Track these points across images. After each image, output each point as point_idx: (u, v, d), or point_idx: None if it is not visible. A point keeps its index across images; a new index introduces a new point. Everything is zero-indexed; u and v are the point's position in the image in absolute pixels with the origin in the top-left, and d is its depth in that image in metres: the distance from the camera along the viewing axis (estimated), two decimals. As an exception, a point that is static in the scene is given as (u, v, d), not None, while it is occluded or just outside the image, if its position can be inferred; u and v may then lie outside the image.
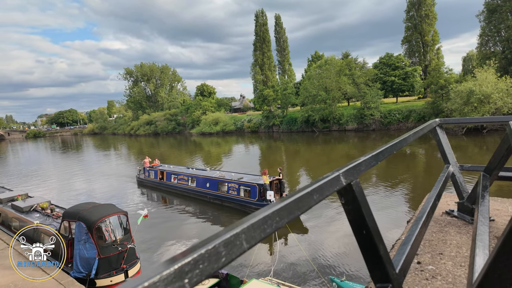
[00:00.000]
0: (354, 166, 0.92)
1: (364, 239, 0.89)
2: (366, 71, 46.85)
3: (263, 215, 0.57)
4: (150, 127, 79.72)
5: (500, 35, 40.86)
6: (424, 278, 1.45)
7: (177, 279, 0.38)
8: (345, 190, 0.89)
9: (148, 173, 21.00)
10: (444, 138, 2.14)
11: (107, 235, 9.33)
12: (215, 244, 0.45)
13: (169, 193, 18.86)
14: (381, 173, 20.88)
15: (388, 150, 1.20)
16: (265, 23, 63.89)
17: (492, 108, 31.22)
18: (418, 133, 1.67)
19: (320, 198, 0.73)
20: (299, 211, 0.65)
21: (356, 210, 0.90)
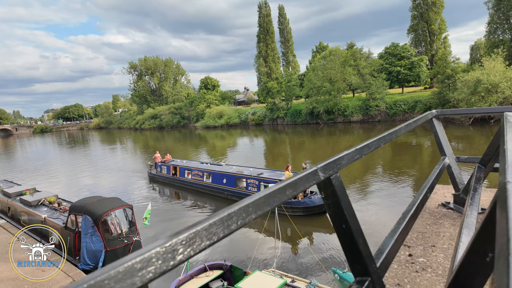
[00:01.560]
0: (334, 160, 0.92)
1: (343, 233, 0.90)
2: (371, 62, 46.27)
3: (227, 212, 0.57)
4: (155, 121, 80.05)
5: (508, 22, 39.92)
6: (414, 271, 1.45)
7: (128, 277, 0.38)
8: (325, 184, 0.90)
9: (160, 168, 20.54)
10: (440, 129, 2.11)
11: (113, 228, 9.49)
12: (172, 241, 0.45)
13: (183, 189, 18.44)
14: (386, 163, 20.78)
15: (375, 143, 1.20)
16: (268, 14, 63.23)
17: (500, 98, 30.69)
18: (411, 125, 1.65)
19: (293, 193, 0.73)
20: (269, 207, 0.66)
21: (335, 205, 0.90)
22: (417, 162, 20.71)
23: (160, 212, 14.53)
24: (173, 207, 15.70)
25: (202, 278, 7.16)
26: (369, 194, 14.80)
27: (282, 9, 64.99)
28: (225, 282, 7.43)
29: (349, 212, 0.90)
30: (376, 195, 14.55)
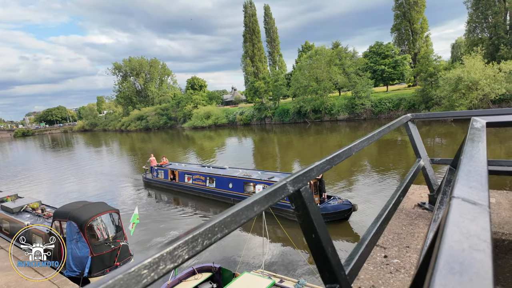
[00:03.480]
0: (304, 173, 0.96)
1: (313, 242, 0.93)
2: (356, 61, 46.94)
3: (192, 234, 0.57)
4: (141, 122, 78.97)
5: (487, 21, 41.20)
6: (388, 272, 1.51)
7: None
8: (295, 196, 0.93)
9: (157, 172, 19.23)
10: (415, 132, 2.19)
11: (99, 233, 9.34)
12: (136, 267, 0.45)
13: (183, 195, 17.31)
14: (373, 161, 21.15)
15: (346, 153, 1.24)
16: (254, 14, 63.27)
17: (480, 95, 31.66)
18: (384, 131, 1.71)
19: (261, 209, 0.76)
20: (236, 225, 0.68)
21: (305, 215, 0.93)
22: (402, 158, 21.16)
23: (156, 220, 13.88)
24: (171, 214, 14.73)
25: (191, 282, 7.14)
26: (355, 191, 15.06)
27: (267, 9, 65.15)
28: (214, 285, 7.43)
29: (318, 222, 0.94)
30: (362, 191, 14.82)
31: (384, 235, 1.79)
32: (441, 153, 21.41)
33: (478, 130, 1.38)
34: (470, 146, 1.04)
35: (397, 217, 2.00)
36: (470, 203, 0.61)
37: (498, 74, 31.61)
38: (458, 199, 0.62)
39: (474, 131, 1.32)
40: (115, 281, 0.41)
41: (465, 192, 0.65)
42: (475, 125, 1.46)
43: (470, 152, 0.98)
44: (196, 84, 73.02)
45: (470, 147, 1.03)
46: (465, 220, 0.55)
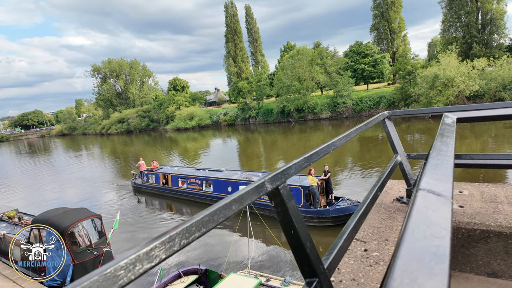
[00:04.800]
0: (282, 171, 0.98)
1: (292, 238, 0.96)
2: (337, 60, 47.71)
3: (169, 234, 0.58)
4: (122, 125, 77.31)
5: (460, 20, 42.78)
6: (368, 265, 1.56)
7: None
8: (273, 194, 0.95)
9: (147, 177, 18.29)
10: (392, 129, 2.27)
11: (81, 240, 9.09)
12: (112, 268, 0.46)
13: (176, 200, 16.51)
14: (355, 156, 21.57)
15: (324, 150, 1.27)
16: (235, 14, 63.16)
17: (455, 91, 32.87)
18: (361, 128, 1.76)
19: (239, 207, 0.77)
20: (213, 224, 0.69)
21: (284, 212, 0.95)
22: (383, 154, 21.71)
23: (147, 227, 13.30)
24: (164, 221, 14.00)
25: (177, 285, 7.06)
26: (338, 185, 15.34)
27: (248, 9, 65.18)
28: (201, 287, 7.38)
29: (297, 218, 0.96)
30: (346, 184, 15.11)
31: (364, 230, 1.85)
32: (420, 148, 22.09)
33: (449, 125, 1.44)
34: (439, 141, 1.09)
35: (376, 212, 2.06)
36: (434, 195, 0.64)
37: (472, 72, 32.92)
38: (424, 191, 0.65)
39: (445, 127, 1.38)
40: (90, 283, 0.41)
41: (431, 185, 0.69)
42: (446, 121, 1.53)
43: (439, 146, 1.03)
44: (178, 85, 72.17)
45: (439, 142, 1.08)
46: (428, 210, 0.60)
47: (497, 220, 1.79)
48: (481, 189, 2.27)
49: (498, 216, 1.83)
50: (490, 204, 2.00)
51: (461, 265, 1.85)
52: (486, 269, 1.78)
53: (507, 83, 31.92)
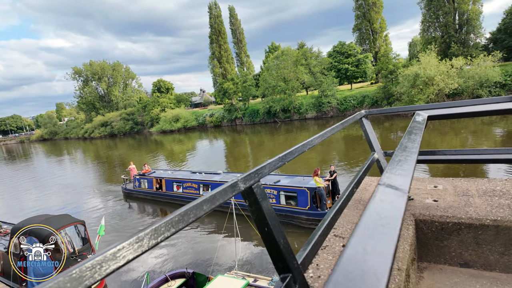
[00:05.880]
0: (256, 171, 1.00)
1: (266, 235, 0.98)
2: (321, 60, 48.29)
3: (137, 235, 0.59)
4: (106, 128, 75.80)
5: (439, 21, 44.03)
6: (346, 260, 1.60)
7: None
8: (247, 193, 0.97)
9: (139, 182, 17.56)
10: (369, 128, 2.33)
11: (64, 247, 8.85)
12: (78, 269, 0.47)
13: (171, 205, 15.82)
14: (341, 154, 21.87)
15: (299, 149, 1.30)
16: (219, 15, 62.95)
17: (435, 90, 33.83)
18: (337, 127, 1.80)
19: (211, 207, 0.79)
20: (183, 224, 0.71)
21: (258, 211, 0.98)
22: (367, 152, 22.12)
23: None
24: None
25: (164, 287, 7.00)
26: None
27: (232, 10, 65.11)
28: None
29: (270, 216, 0.98)
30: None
31: (343, 226, 1.89)
32: (403, 146, 22.65)
33: (419, 123, 1.50)
34: (406, 139, 1.14)
35: (355, 208, 2.11)
36: (392, 189, 0.67)
37: (451, 70, 33.97)
38: (383, 185, 0.69)
39: (414, 124, 1.44)
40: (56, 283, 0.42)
41: (390, 180, 0.73)
42: (417, 118, 1.59)
43: (405, 144, 1.08)
44: (162, 87, 71.30)
45: (406, 139, 1.13)
46: (384, 204, 0.62)
47: (468, 212, 1.87)
48: (454, 184, 2.36)
49: (469, 209, 1.92)
50: (462, 198, 2.09)
51: (435, 256, 1.92)
52: (458, 260, 1.86)
53: (484, 81, 33.10)
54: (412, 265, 1.65)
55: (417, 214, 1.97)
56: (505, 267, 1.74)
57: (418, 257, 1.95)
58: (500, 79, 32.87)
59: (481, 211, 1.85)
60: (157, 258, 10.09)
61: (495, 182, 2.25)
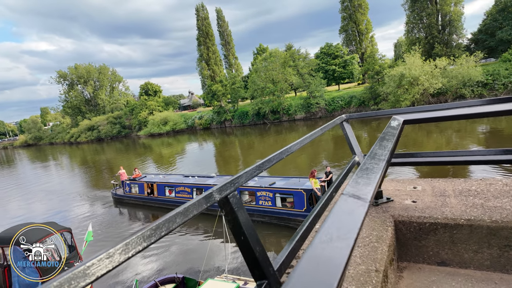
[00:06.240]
0: (232, 181, 1.02)
1: (242, 243, 1.01)
2: (309, 62, 48.71)
3: (106, 251, 0.60)
4: (93, 132, 74.54)
5: (422, 22, 45.04)
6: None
7: None
8: (223, 203, 0.99)
9: (130, 187, 17.12)
10: (350, 131, 2.38)
11: (50, 255, 8.66)
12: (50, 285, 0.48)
13: (163, 210, 15.32)
14: (329, 155, 22.10)
15: (277, 157, 1.33)
16: (206, 17, 62.81)
17: (420, 89, 34.55)
18: (317, 132, 1.84)
19: (184, 219, 0.81)
20: (155, 237, 0.72)
21: (234, 220, 1.00)
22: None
23: None
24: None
25: (154, 295, 6.92)
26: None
27: (220, 12, 65.08)
28: (179, 295, 7.27)
29: (246, 225, 1.01)
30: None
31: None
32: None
33: (393, 128, 1.55)
34: (377, 145, 1.18)
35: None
36: (354, 198, 0.70)
37: (435, 70, 34.76)
38: (346, 195, 0.72)
39: (388, 130, 1.49)
40: None
41: (354, 188, 0.77)
42: (392, 123, 1.65)
43: (376, 150, 1.12)
44: (150, 89, 70.60)
45: (377, 146, 1.17)
46: (344, 214, 0.63)
47: (444, 212, 1.94)
48: (433, 184, 2.44)
49: (445, 209, 1.99)
50: (439, 198, 2.16)
51: (414, 256, 1.98)
52: (436, 259, 1.92)
53: (467, 80, 33.99)
54: (390, 265, 1.70)
55: (396, 215, 2.03)
56: (479, 264, 1.81)
57: (398, 257, 2.01)
58: (482, 79, 33.81)
59: (456, 211, 1.92)
60: (146, 263, 9.98)
61: (471, 182, 2.33)
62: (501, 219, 1.74)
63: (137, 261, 9.94)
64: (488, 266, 1.78)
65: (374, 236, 1.78)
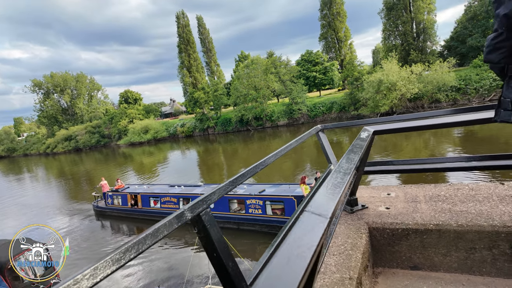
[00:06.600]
0: (204, 198, 1.04)
1: (215, 260, 1.02)
2: (290, 68, 49.43)
3: (73, 278, 0.58)
4: (70, 142, 72.26)
5: (398, 29, 46.77)
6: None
7: None
8: (196, 221, 1.01)
9: (112, 199, 16.62)
10: (325, 141, 2.45)
11: (24, 274, 8.27)
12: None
13: (148, 222, 14.71)
14: (313, 161, 22.35)
15: (251, 171, 1.36)
16: (187, 24, 62.67)
17: (398, 94, 35.71)
18: (292, 144, 1.89)
19: (154, 241, 0.82)
20: (125, 260, 0.73)
21: (206, 237, 1.02)
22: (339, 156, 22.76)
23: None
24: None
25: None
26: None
27: (200, 19, 65.15)
28: (163, 308, 7.10)
29: (219, 242, 1.02)
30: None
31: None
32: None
33: (362, 140, 1.62)
34: (345, 159, 1.23)
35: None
36: (315, 215, 0.74)
37: (411, 76, 36.07)
38: (308, 212, 0.76)
39: (357, 142, 1.55)
40: None
41: (316, 203, 0.81)
42: (362, 135, 1.71)
43: (342, 165, 1.17)
44: (130, 97, 69.43)
45: (344, 160, 1.22)
46: (304, 231, 0.66)
47: (415, 218, 2.02)
48: (405, 190, 2.53)
49: (416, 214, 2.07)
50: (411, 204, 2.25)
51: (388, 261, 2.05)
52: (408, 263, 2.00)
53: (441, 85, 35.47)
54: (365, 272, 1.75)
55: (370, 222, 2.10)
56: (448, 267, 1.89)
57: (374, 263, 2.07)
58: (455, 84, 35.36)
59: (426, 217, 2.01)
60: (128, 276, 9.71)
61: (440, 187, 2.45)
62: (467, 223, 1.84)
63: (118, 274, 9.66)
64: (456, 269, 1.87)
65: (349, 244, 1.84)
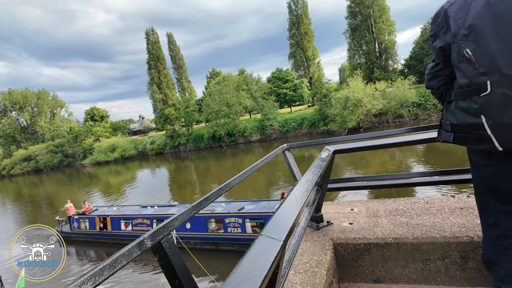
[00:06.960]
0: (164, 225, 1.05)
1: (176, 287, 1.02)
2: (261, 85, 50.40)
3: None
4: (29, 163, 67.72)
5: (362, 49, 49.56)
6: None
7: None
8: (157, 248, 1.01)
9: (78, 223, 15.61)
10: (291, 159, 2.53)
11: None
12: None
13: (118, 246, 13.35)
14: (287, 176, 22.56)
15: (216, 194, 1.38)
16: (157, 41, 62.39)
17: (364, 110, 37.45)
18: (258, 165, 1.94)
19: (112, 271, 0.81)
20: None
21: (168, 265, 1.02)
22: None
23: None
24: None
25: None
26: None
27: (171, 36, 65.14)
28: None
29: (180, 269, 1.03)
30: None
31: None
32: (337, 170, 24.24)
33: (322, 160, 1.70)
34: (304, 179, 1.30)
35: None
36: (270, 238, 0.78)
37: (376, 93, 38.09)
38: (263, 236, 0.79)
39: (318, 162, 1.63)
40: None
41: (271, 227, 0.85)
42: (322, 155, 1.80)
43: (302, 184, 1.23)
44: (96, 114, 66.97)
45: (304, 180, 1.28)
46: (257, 255, 0.70)
47: (376, 232, 2.12)
48: (367, 205, 2.65)
49: (377, 229, 2.18)
50: (372, 219, 2.36)
51: (352, 276, 2.12)
52: (372, 277, 2.08)
53: (403, 101, 37.79)
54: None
55: (335, 238, 2.17)
56: (408, 278, 1.99)
57: (339, 278, 2.13)
58: (416, 100, 37.82)
59: (386, 231, 2.11)
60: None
61: (399, 201, 2.60)
62: (422, 236, 1.96)
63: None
64: (415, 280, 1.97)
65: (314, 261, 1.89)
